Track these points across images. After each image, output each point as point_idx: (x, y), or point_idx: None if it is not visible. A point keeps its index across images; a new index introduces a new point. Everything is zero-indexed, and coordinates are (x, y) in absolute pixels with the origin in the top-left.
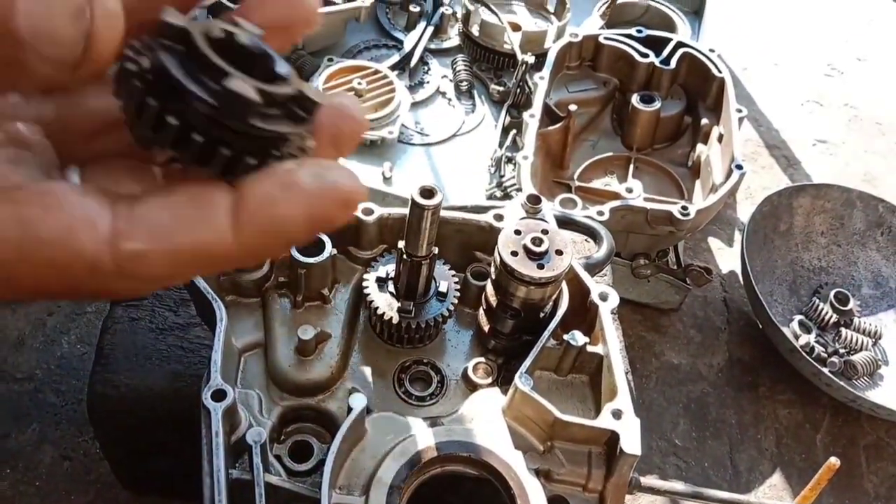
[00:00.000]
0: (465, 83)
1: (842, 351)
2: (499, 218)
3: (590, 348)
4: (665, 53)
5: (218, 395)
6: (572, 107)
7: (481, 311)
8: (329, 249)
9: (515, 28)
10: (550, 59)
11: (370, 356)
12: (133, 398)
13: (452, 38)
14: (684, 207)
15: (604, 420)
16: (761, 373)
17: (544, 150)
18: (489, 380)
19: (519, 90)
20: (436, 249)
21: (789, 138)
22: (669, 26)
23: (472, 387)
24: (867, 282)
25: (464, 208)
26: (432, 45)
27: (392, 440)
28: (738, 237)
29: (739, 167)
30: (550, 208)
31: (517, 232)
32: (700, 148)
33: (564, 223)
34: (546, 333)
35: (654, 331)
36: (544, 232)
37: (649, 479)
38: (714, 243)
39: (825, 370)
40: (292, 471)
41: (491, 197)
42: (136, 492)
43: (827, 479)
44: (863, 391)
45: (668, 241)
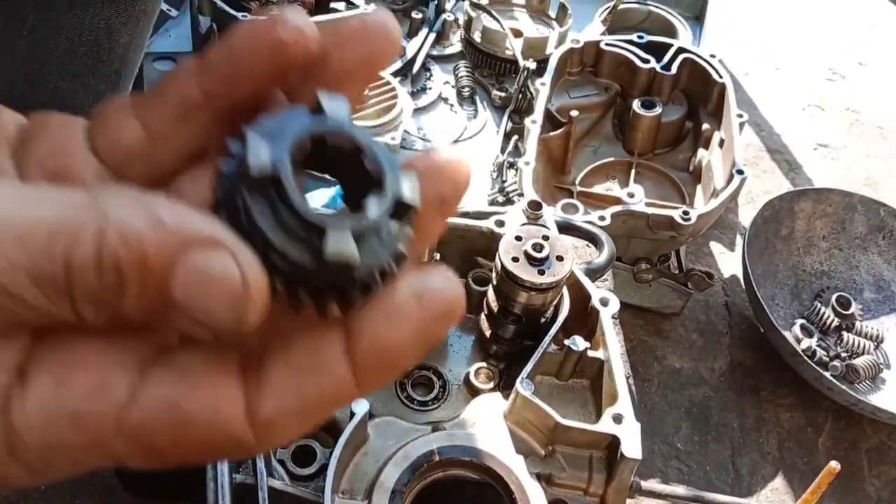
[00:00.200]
0: (467, 89)
1: (843, 355)
2: (500, 224)
3: (590, 353)
4: (666, 59)
5: None
6: (574, 112)
7: (483, 316)
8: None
9: (517, 34)
10: (552, 65)
11: None
12: None
13: (454, 45)
14: (685, 212)
15: (604, 424)
16: (763, 377)
17: (546, 156)
18: (491, 385)
19: (521, 96)
20: (437, 255)
21: (791, 142)
22: (671, 32)
23: (474, 391)
24: (869, 285)
25: (465, 214)
26: (434, 52)
27: (394, 445)
28: (739, 241)
29: (740, 172)
30: (551, 214)
31: (518, 238)
32: (701, 153)
33: (565, 228)
34: (547, 338)
35: (656, 335)
36: (545, 238)
37: (650, 483)
38: (716, 248)
39: (827, 374)
40: (295, 475)
41: (493, 202)
42: (139, 496)
43: (827, 483)
44: (865, 395)
45: (670, 246)
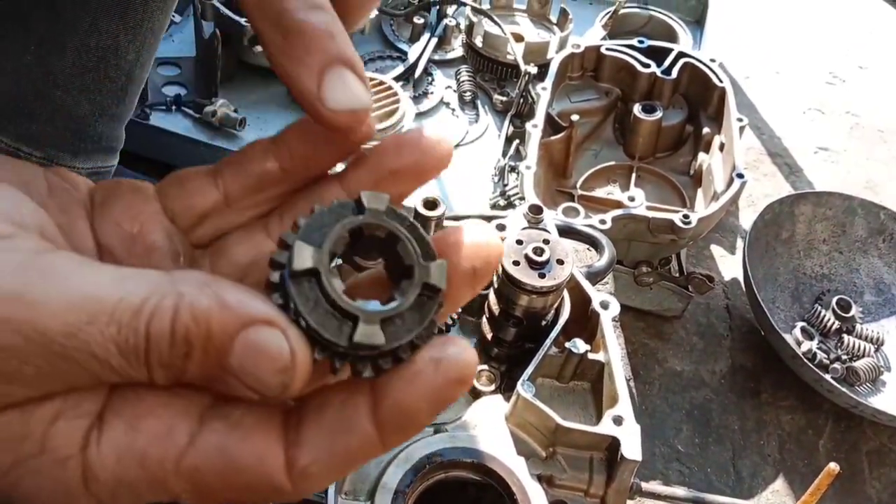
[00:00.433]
0: (468, 93)
1: (844, 357)
2: (501, 227)
3: (591, 356)
4: (666, 63)
5: None
6: (574, 117)
7: (484, 319)
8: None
9: (518, 39)
10: (553, 69)
11: None
12: None
13: (456, 49)
14: (686, 216)
15: (605, 426)
16: (764, 379)
17: (547, 160)
18: (492, 387)
19: (522, 100)
20: None
21: (791, 146)
22: (671, 36)
23: (476, 394)
24: (869, 289)
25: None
26: (436, 56)
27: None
28: (740, 245)
29: (741, 176)
30: (552, 218)
31: (519, 241)
32: (702, 157)
33: (566, 232)
34: (548, 341)
35: (657, 338)
36: (546, 241)
37: (651, 485)
38: (716, 251)
39: (827, 376)
40: None
41: (494, 206)
42: None
43: (827, 485)
44: (865, 397)
45: (670, 249)
